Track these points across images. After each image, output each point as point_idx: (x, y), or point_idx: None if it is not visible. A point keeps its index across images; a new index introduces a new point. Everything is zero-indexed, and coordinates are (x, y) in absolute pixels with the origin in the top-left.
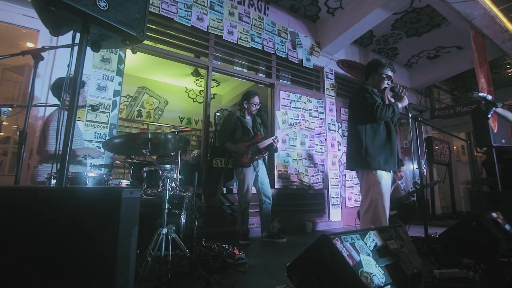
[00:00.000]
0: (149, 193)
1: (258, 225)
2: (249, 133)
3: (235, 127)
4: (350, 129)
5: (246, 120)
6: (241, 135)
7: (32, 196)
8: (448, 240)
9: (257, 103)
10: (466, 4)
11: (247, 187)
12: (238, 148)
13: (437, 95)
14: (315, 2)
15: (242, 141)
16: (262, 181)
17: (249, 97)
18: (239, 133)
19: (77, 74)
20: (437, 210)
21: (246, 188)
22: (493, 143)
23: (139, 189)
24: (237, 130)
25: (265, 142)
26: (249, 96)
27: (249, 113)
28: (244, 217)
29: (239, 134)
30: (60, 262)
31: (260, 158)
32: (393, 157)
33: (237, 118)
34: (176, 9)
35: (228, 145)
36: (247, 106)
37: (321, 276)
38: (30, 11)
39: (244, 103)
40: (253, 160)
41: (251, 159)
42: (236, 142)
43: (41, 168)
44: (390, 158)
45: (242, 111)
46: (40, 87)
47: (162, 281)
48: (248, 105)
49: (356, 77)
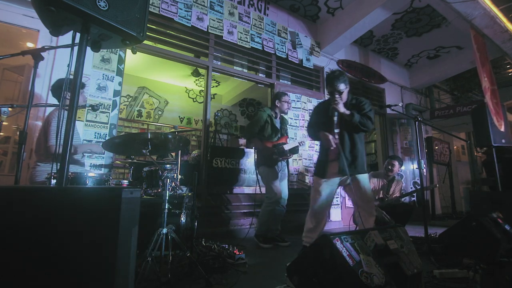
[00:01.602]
0: (149, 193)
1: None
2: (277, 133)
3: (265, 125)
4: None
5: (276, 120)
6: (270, 133)
7: (32, 196)
8: (448, 240)
9: (289, 102)
10: (466, 4)
11: (275, 185)
12: (266, 147)
13: (437, 95)
14: (315, 2)
15: (269, 140)
16: (282, 183)
17: (280, 96)
18: (267, 132)
19: (77, 74)
20: (437, 210)
21: (274, 186)
22: (493, 143)
23: (139, 189)
24: (266, 128)
25: (291, 144)
26: (280, 95)
27: (280, 112)
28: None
29: (267, 132)
30: (60, 262)
31: (284, 160)
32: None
33: (268, 116)
34: (176, 9)
35: (255, 142)
36: (279, 105)
37: (321, 276)
38: (30, 11)
39: (276, 102)
40: (277, 160)
41: (275, 159)
42: (263, 140)
43: (40, 168)
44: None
45: (273, 110)
46: (40, 87)
47: (162, 281)
48: (280, 104)
49: (356, 77)
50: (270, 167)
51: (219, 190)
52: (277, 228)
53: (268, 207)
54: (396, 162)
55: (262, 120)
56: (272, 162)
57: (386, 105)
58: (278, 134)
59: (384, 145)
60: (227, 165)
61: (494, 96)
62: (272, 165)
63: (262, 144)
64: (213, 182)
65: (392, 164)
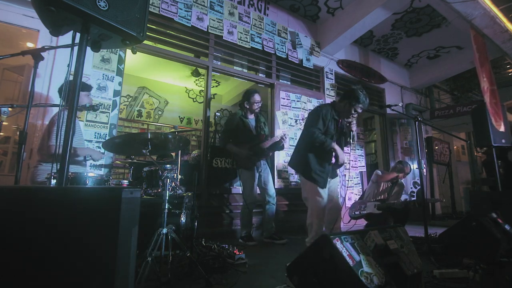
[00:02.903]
0: (149, 193)
1: (253, 225)
2: (251, 133)
3: (237, 128)
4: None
5: (249, 120)
6: (244, 136)
7: (32, 196)
8: (448, 240)
9: (258, 101)
10: (466, 4)
11: (251, 188)
12: (240, 150)
13: (437, 95)
14: (315, 2)
15: (245, 142)
16: (266, 181)
17: (249, 96)
18: (241, 134)
19: (77, 74)
20: (437, 210)
21: (250, 189)
22: (493, 143)
23: (139, 189)
24: (239, 131)
25: (269, 142)
26: (249, 95)
27: (251, 112)
28: (250, 219)
29: (241, 135)
30: (60, 262)
31: (263, 159)
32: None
33: (239, 119)
34: (176, 9)
35: (230, 147)
36: (248, 106)
37: (321, 276)
38: (30, 11)
39: (245, 104)
40: (255, 162)
41: (253, 161)
42: (239, 143)
43: (41, 168)
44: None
45: (244, 111)
46: (40, 87)
47: (162, 281)
48: (249, 105)
49: (356, 77)
50: (248, 170)
51: (219, 190)
52: (272, 226)
53: (245, 209)
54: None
55: (233, 124)
56: (250, 164)
57: (386, 105)
58: (253, 134)
59: (384, 145)
60: (227, 165)
61: (493, 97)
62: (250, 167)
63: (236, 148)
64: (213, 182)
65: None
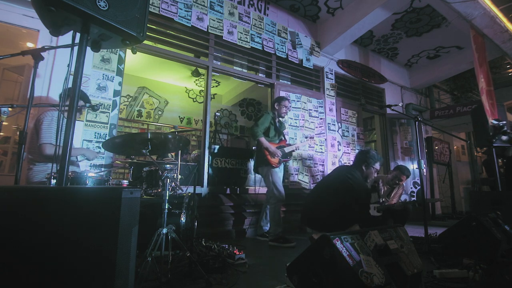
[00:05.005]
0: (149, 193)
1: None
2: (280, 135)
3: (269, 126)
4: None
5: (277, 123)
6: (273, 135)
7: (32, 196)
8: (448, 240)
9: (288, 106)
10: (466, 4)
11: (281, 185)
12: (272, 147)
13: (437, 95)
14: (315, 2)
15: (272, 142)
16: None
17: (280, 100)
18: (271, 133)
19: (77, 74)
20: (437, 210)
21: (280, 186)
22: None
23: (139, 189)
24: (271, 130)
25: (290, 148)
26: (280, 99)
27: (278, 116)
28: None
29: (271, 134)
30: (60, 262)
31: (284, 162)
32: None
33: (272, 118)
34: (176, 9)
35: (263, 141)
36: (277, 107)
37: (321, 276)
38: (30, 11)
39: (275, 105)
40: (281, 162)
41: (280, 160)
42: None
43: (36, 169)
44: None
45: (273, 113)
46: (40, 87)
47: (162, 281)
48: (279, 107)
49: (356, 77)
50: (275, 168)
51: (219, 190)
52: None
53: (277, 207)
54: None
55: (267, 121)
56: (277, 163)
57: (386, 105)
58: (281, 137)
59: (384, 145)
60: (227, 165)
61: (490, 97)
62: (277, 166)
63: (269, 144)
64: (213, 182)
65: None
